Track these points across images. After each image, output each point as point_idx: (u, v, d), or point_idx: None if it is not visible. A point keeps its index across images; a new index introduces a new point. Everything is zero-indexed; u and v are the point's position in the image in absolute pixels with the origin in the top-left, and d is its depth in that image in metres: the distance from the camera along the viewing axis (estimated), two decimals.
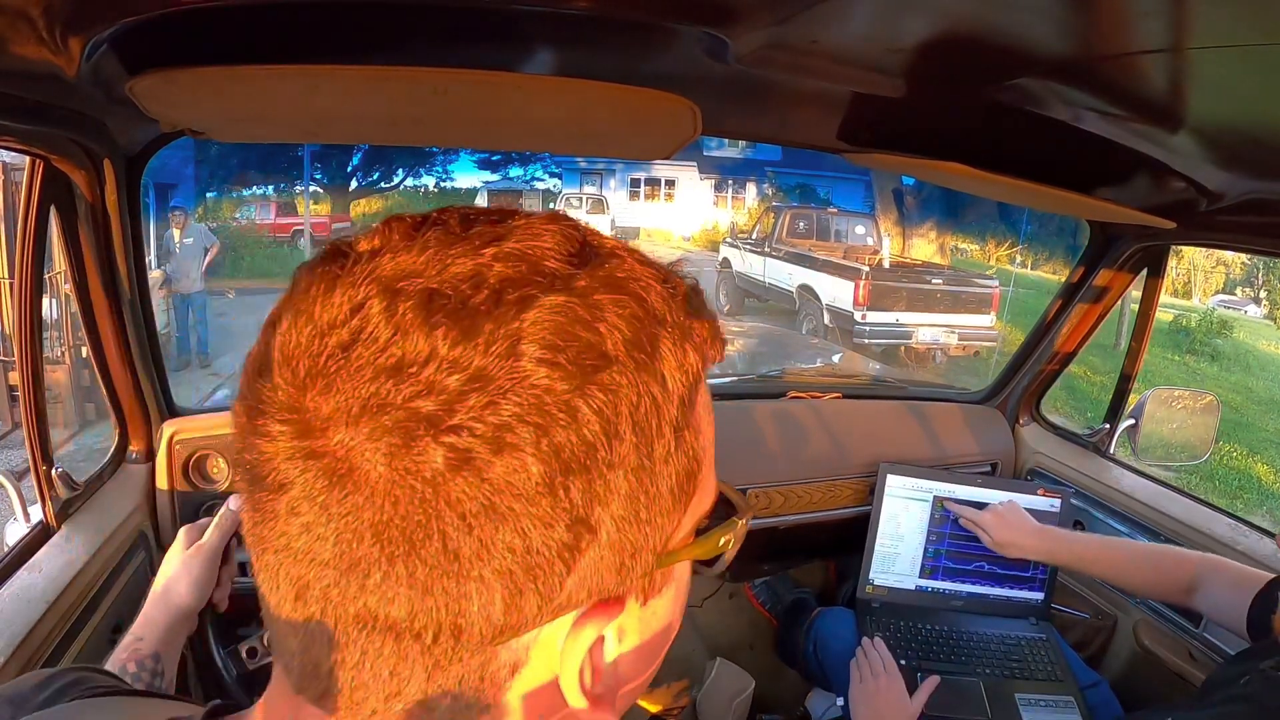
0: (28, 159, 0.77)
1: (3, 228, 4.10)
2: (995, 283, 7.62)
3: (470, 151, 10.43)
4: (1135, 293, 1.48)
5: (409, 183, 11.54)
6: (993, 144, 0.92)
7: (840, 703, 1.18)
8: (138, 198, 0.92)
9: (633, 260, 0.28)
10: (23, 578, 0.79)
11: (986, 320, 7.43)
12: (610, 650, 0.28)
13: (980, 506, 1.31)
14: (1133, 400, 1.46)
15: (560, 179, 12.21)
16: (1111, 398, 1.50)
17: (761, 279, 8.76)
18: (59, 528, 0.88)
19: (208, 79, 0.59)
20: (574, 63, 0.73)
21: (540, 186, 12.01)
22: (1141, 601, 1.27)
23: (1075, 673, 1.23)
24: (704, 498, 0.30)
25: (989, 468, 1.56)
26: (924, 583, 1.37)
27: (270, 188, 10.16)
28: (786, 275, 8.26)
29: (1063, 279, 1.54)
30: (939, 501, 1.36)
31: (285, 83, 0.63)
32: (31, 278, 0.80)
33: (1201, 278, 13.61)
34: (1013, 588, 1.36)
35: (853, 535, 1.40)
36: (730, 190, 12.96)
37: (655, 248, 10.26)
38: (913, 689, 1.10)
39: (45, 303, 0.87)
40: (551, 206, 8.72)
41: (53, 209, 0.81)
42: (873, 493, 1.38)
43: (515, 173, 11.65)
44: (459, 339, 0.23)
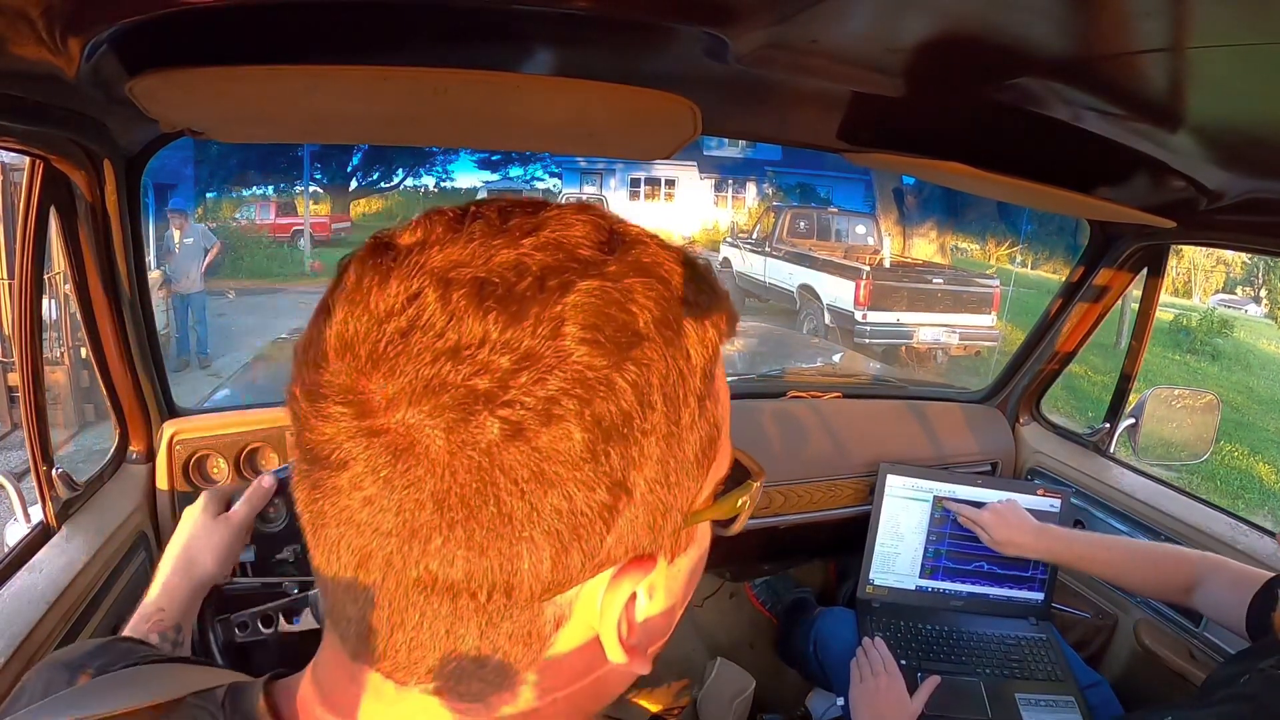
0: (28, 159, 0.77)
1: (3, 228, 4.10)
2: (996, 282, 7.61)
3: (470, 151, 10.42)
4: (1135, 292, 1.48)
5: (409, 183, 11.56)
6: (993, 144, 0.92)
7: (840, 702, 1.18)
8: (138, 198, 0.92)
9: (655, 245, 0.30)
10: (23, 578, 0.79)
11: (987, 320, 7.42)
12: (641, 608, 0.31)
13: (980, 506, 1.31)
14: (1133, 399, 1.45)
15: (560, 179, 12.20)
16: (1112, 397, 1.49)
17: (762, 279, 8.76)
18: (59, 528, 0.88)
19: (207, 79, 0.59)
20: (574, 62, 0.73)
21: (540, 186, 12.00)
22: (1142, 601, 1.27)
23: (1075, 672, 1.23)
24: (723, 462, 0.33)
25: (989, 467, 1.56)
26: (924, 582, 1.37)
27: (270, 188, 10.17)
28: (787, 275, 8.25)
29: (1063, 278, 1.53)
30: (939, 501, 1.36)
31: (285, 83, 0.63)
32: (31, 278, 0.80)
33: (1202, 277, 13.61)
34: (1013, 587, 1.36)
35: (853, 535, 1.40)
36: (730, 190, 12.95)
37: None
38: (913, 689, 1.10)
39: (45, 303, 0.87)
40: None
41: (53, 209, 0.81)
42: (873, 492, 1.38)
43: (515, 173, 11.65)
44: (509, 323, 0.26)
